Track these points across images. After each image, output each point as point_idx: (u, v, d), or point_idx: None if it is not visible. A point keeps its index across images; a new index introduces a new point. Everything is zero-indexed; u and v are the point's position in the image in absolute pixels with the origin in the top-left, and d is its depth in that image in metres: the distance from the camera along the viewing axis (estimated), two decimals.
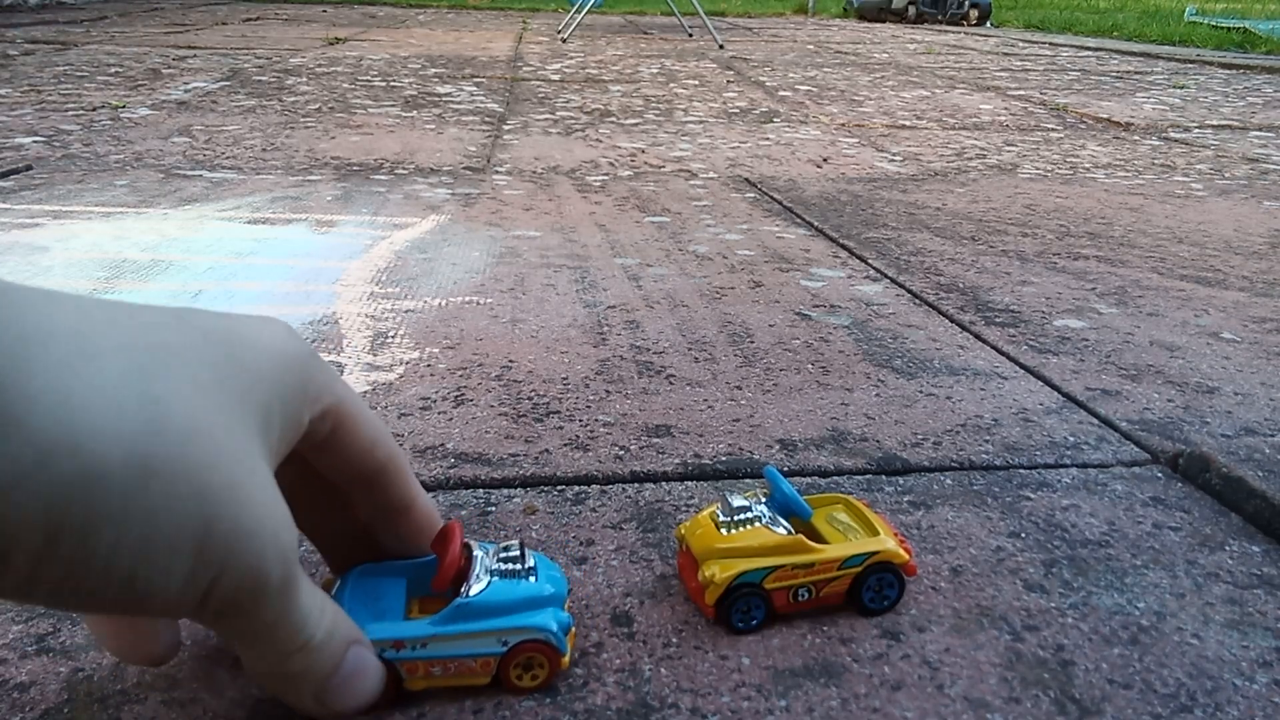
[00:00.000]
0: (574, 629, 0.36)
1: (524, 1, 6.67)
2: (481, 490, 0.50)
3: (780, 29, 5.02)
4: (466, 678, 0.34)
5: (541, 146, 1.55)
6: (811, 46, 3.87)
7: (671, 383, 0.64)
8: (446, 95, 2.10)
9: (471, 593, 0.34)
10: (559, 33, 3.98)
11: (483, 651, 0.34)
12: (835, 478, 0.52)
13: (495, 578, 0.34)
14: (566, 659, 0.35)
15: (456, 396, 0.60)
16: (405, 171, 1.31)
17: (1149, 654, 0.38)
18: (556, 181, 1.29)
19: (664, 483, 0.51)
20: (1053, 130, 1.90)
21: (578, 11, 4.07)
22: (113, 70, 2.28)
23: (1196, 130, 1.95)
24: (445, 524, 0.36)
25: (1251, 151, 1.71)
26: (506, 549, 0.36)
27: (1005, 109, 2.18)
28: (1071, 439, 0.57)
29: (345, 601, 0.34)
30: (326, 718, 0.32)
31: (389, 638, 0.33)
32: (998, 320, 0.78)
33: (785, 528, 0.39)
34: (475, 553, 0.35)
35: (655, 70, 2.78)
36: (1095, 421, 0.60)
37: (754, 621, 0.38)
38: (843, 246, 1.00)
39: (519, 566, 0.35)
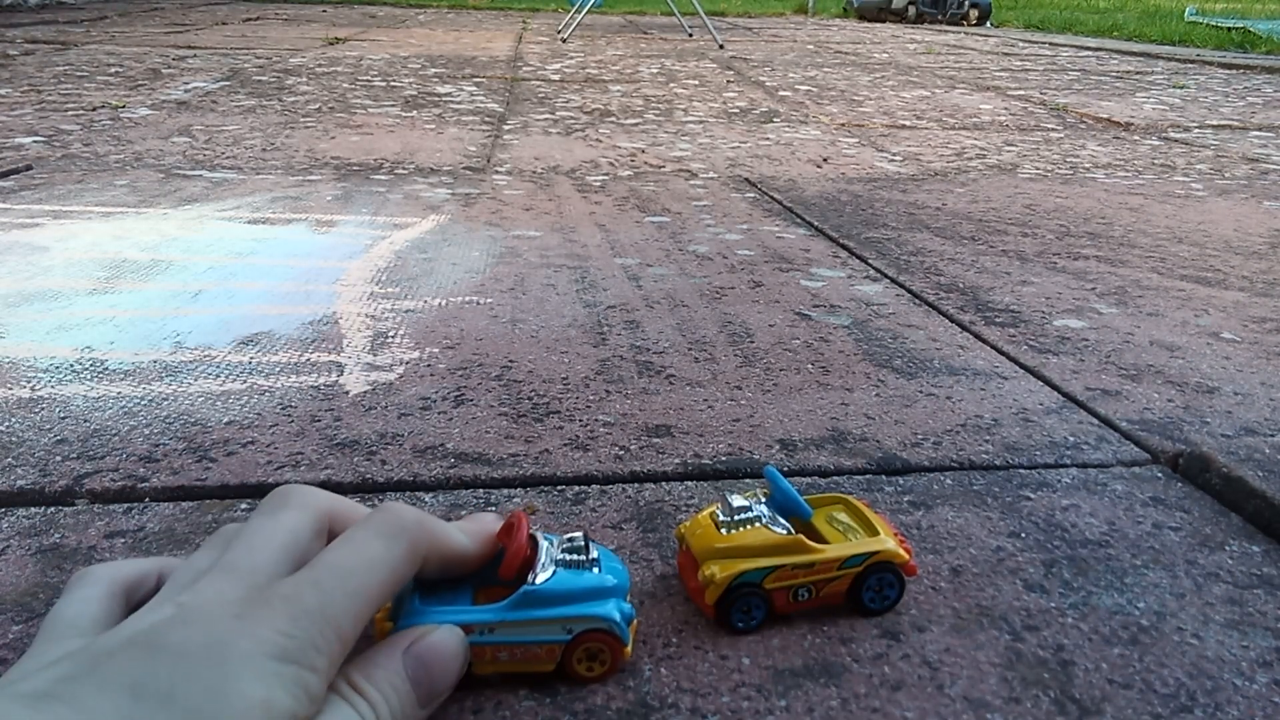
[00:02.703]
0: (636, 620, 0.37)
1: (524, 1, 6.67)
2: (481, 490, 0.50)
3: (780, 29, 5.02)
4: (532, 664, 0.35)
5: (541, 146, 1.55)
6: (811, 46, 3.87)
7: (671, 383, 0.63)
8: (446, 95, 2.10)
9: (538, 581, 0.34)
10: (559, 33, 3.97)
11: (548, 639, 0.34)
12: (835, 478, 0.52)
13: (560, 568, 0.35)
14: (629, 649, 0.35)
15: (456, 396, 0.60)
16: (405, 171, 1.31)
17: (1149, 654, 0.38)
18: (556, 181, 1.29)
19: (664, 483, 0.51)
20: (1053, 130, 1.90)
21: (578, 11, 4.07)
22: (113, 70, 2.28)
23: (1196, 130, 1.95)
24: (510, 514, 0.36)
25: (1251, 151, 1.71)
26: (571, 540, 0.36)
27: (1005, 109, 2.18)
28: (1071, 439, 0.57)
29: (413, 593, 0.35)
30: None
31: (458, 622, 0.34)
32: (998, 320, 0.78)
33: (785, 528, 0.39)
34: (540, 543, 0.36)
35: (655, 70, 2.78)
36: (1095, 421, 0.60)
37: (754, 621, 0.38)
38: (843, 246, 1.00)
39: (583, 557, 0.36)
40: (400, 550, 0.33)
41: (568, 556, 0.36)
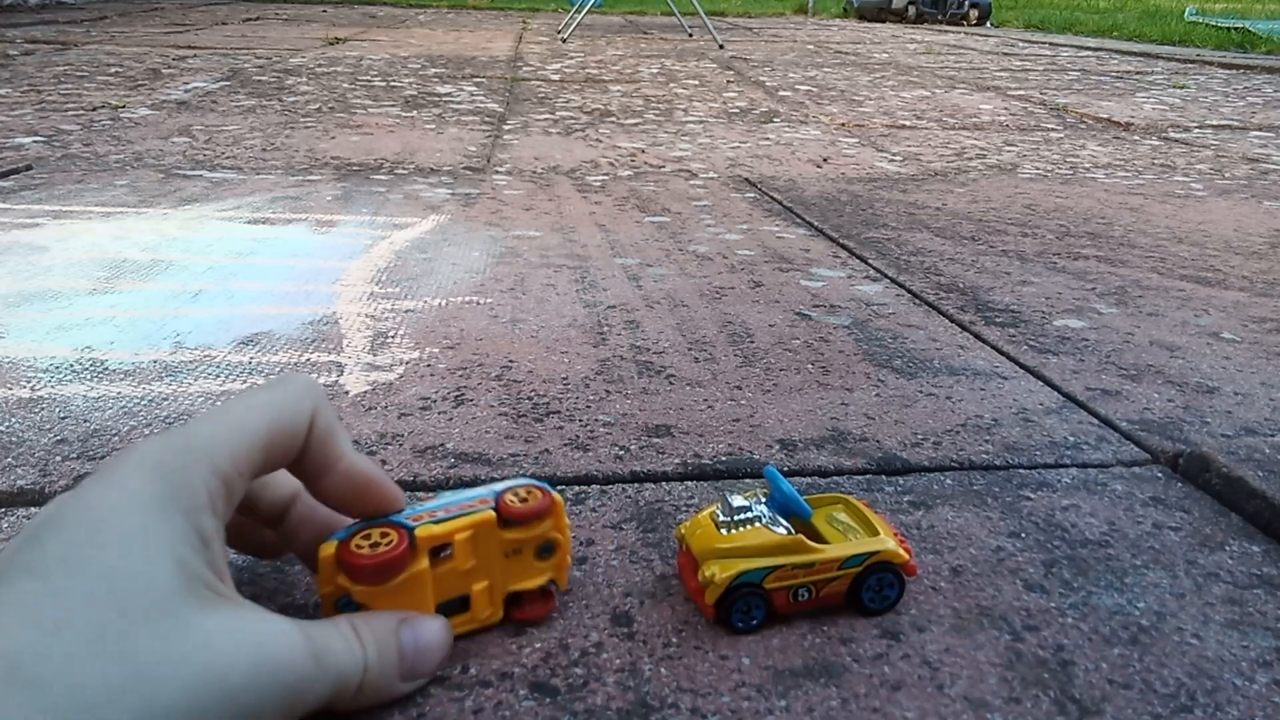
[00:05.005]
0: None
1: (524, 1, 6.67)
2: None
3: (780, 29, 5.02)
4: (469, 515, 0.36)
5: (541, 146, 1.55)
6: (811, 46, 3.87)
7: (671, 383, 0.63)
8: (446, 95, 2.10)
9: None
10: (559, 33, 3.97)
11: (479, 493, 0.37)
12: (835, 478, 0.52)
13: None
14: (559, 496, 0.37)
15: (456, 396, 0.60)
16: (405, 171, 1.31)
17: (1149, 654, 0.38)
18: (556, 181, 1.29)
19: (664, 483, 0.51)
20: (1053, 130, 1.90)
21: (578, 11, 4.07)
22: (113, 70, 2.28)
23: (1196, 130, 1.95)
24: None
25: (1251, 151, 1.71)
26: None
27: (1005, 109, 2.18)
28: (1071, 439, 0.57)
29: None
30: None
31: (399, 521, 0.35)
32: (998, 320, 0.78)
33: (785, 528, 0.39)
34: None
35: (655, 70, 2.78)
36: (1095, 421, 0.60)
37: (754, 621, 0.38)
38: (843, 246, 1.00)
39: None
40: (288, 392, 0.33)
41: None
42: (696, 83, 2.51)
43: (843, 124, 1.90)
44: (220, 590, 0.28)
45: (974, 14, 5.82)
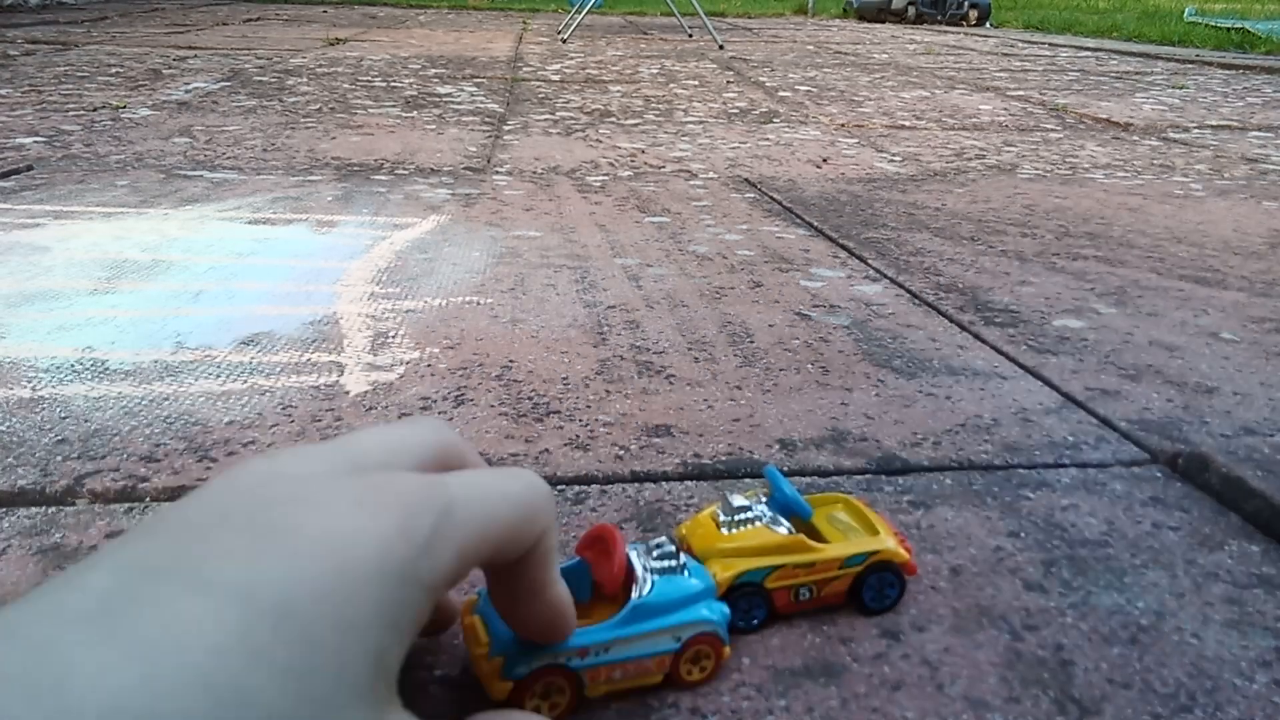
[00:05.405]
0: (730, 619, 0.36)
1: (524, 2, 6.67)
2: None
3: (780, 29, 5.02)
4: (642, 678, 0.34)
5: (542, 147, 1.55)
6: (811, 47, 3.87)
7: (671, 383, 0.64)
8: (447, 95, 2.10)
9: (644, 594, 0.34)
10: (559, 33, 3.98)
11: (660, 650, 0.34)
12: (835, 478, 0.52)
13: (655, 575, 0.35)
14: (728, 649, 0.35)
15: (457, 396, 0.60)
16: (405, 172, 1.31)
17: (1148, 654, 0.38)
18: (557, 182, 1.29)
19: (664, 483, 0.51)
20: (1052, 130, 1.90)
21: (578, 12, 4.07)
22: (113, 70, 2.28)
23: (1195, 130, 1.95)
24: (598, 527, 0.35)
25: (1251, 152, 1.71)
26: (659, 546, 0.36)
27: (1004, 109, 2.18)
28: (1071, 439, 0.57)
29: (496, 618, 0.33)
30: None
31: (576, 646, 0.32)
32: (997, 320, 0.78)
33: (786, 527, 0.39)
34: (629, 552, 0.35)
35: (655, 71, 2.79)
36: (1094, 421, 0.60)
37: (755, 621, 0.38)
38: (842, 246, 1.00)
39: (674, 563, 0.35)
40: (538, 498, 0.29)
41: (660, 564, 0.35)
42: (696, 83, 2.51)
43: (842, 124, 1.91)
44: (393, 692, 0.24)
45: (973, 14, 5.82)
